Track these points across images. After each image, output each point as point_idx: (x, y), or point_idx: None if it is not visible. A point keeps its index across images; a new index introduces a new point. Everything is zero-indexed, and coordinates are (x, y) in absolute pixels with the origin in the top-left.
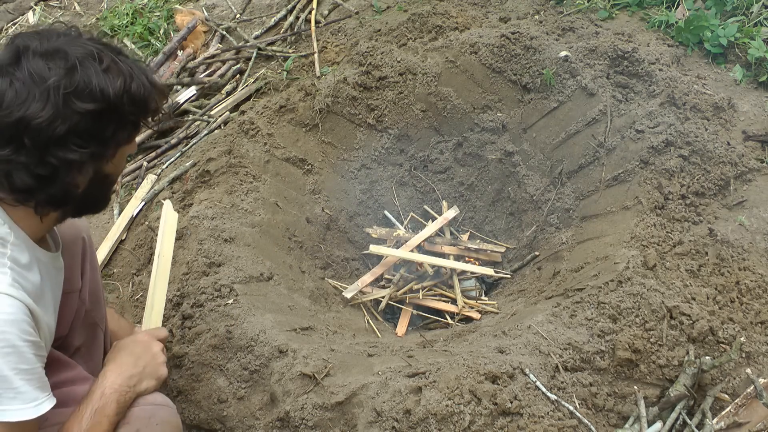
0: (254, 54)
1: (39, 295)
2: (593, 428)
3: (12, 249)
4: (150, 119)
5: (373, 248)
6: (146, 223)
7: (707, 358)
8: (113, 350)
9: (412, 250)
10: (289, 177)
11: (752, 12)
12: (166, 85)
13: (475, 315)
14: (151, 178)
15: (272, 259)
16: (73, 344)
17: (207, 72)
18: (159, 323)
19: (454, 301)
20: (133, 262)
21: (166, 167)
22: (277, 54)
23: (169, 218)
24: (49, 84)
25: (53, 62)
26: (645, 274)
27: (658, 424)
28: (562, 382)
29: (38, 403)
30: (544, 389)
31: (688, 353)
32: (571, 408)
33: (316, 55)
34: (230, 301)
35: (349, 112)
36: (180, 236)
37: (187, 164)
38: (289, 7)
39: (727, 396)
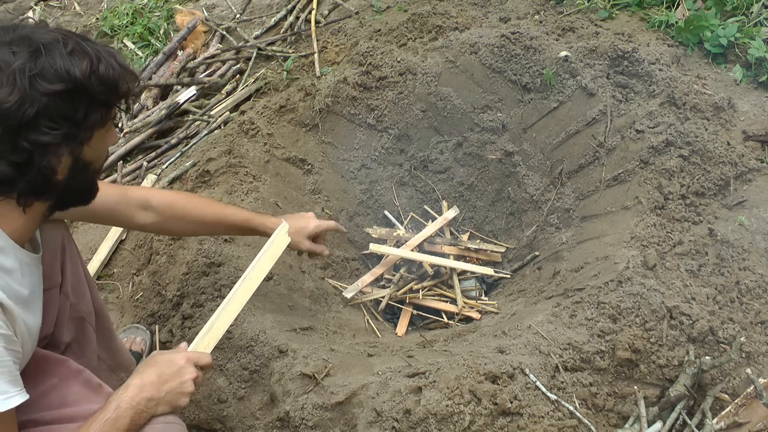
0: (254, 54)
1: (21, 298)
2: (593, 428)
3: None
4: (123, 101)
5: (373, 246)
6: None
7: (707, 358)
8: (146, 362)
9: (412, 251)
10: (289, 177)
11: (752, 12)
12: (166, 85)
13: (475, 315)
14: (151, 178)
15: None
16: (62, 341)
17: (207, 72)
18: (210, 348)
19: (454, 301)
20: (133, 262)
21: (166, 167)
22: (277, 54)
23: (278, 240)
24: (14, 68)
25: (18, 48)
26: (645, 274)
27: (658, 424)
28: (562, 382)
29: (7, 397)
30: (544, 389)
31: (688, 353)
32: (571, 408)
33: (316, 55)
34: None
35: (349, 112)
36: (180, 236)
37: (187, 164)
38: (289, 7)
39: (727, 396)
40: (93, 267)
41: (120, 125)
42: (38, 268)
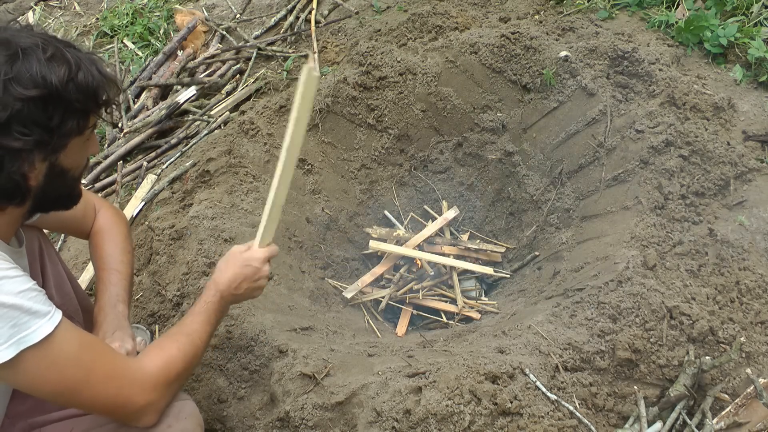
0: (254, 54)
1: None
2: (593, 428)
3: None
4: (103, 110)
5: (373, 243)
6: (146, 223)
7: (707, 358)
8: (226, 261)
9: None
10: None
11: (752, 12)
12: (166, 85)
13: (475, 315)
14: (151, 178)
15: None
16: None
17: (207, 72)
18: (272, 236)
19: (454, 301)
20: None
21: (166, 167)
22: (277, 54)
23: (307, 84)
24: None
25: None
26: (645, 274)
27: (658, 424)
28: (562, 382)
29: (51, 315)
30: (544, 389)
31: (688, 353)
32: (571, 408)
33: (316, 55)
34: None
35: (349, 112)
36: (180, 236)
37: (187, 164)
38: (289, 7)
39: (727, 396)
40: (93, 268)
41: (120, 125)
42: (22, 259)
